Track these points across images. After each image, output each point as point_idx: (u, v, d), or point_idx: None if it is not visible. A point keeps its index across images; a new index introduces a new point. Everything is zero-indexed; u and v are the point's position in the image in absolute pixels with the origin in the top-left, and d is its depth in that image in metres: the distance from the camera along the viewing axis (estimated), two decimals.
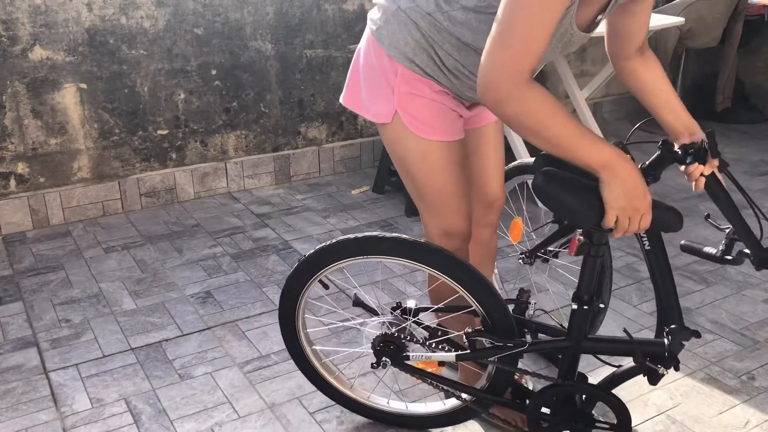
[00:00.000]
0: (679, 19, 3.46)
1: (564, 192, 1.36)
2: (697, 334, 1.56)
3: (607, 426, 1.66)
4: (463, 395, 1.77)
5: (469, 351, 1.64)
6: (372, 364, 1.73)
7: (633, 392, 2.03)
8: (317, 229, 3.11)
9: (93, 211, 3.22)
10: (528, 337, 1.60)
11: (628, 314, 2.42)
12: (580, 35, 1.49)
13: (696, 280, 2.63)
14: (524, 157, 3.27)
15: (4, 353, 2.24)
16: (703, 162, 1.53)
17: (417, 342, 1.70)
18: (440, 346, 1.68)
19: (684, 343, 1.57)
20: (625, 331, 1.63)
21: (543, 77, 4.12)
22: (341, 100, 1.77)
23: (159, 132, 3.29)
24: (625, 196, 1.30)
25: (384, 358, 1.72)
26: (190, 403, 2.02)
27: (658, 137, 1.55)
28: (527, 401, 1.73)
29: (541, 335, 1.76)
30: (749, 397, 2.02)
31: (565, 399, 1.67)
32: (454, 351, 1.66)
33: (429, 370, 1.76)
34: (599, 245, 1.48)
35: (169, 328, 2.37)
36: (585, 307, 1.55)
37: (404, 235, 1.65)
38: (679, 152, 1.53)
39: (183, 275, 2.71)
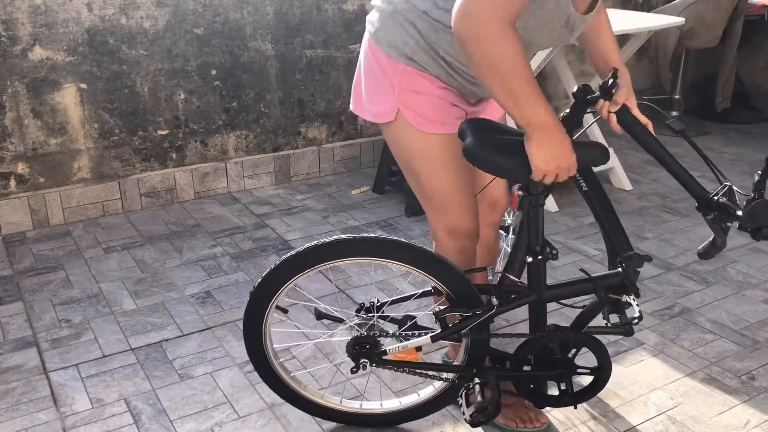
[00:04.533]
0: (679, 19, 3.46)
1: (495, 153, 1.47)
2: (648, 258, 1.64)
3: (587, 370, 1.73)
4: (448, 375, 1.80)
5: (441, 330, 1.66)
6: (351, 369, 1.73)
7: (633, 392, 2.03)
8: (317, 229, 3.11)
9: (93, 211, 3.22)
10: (494, 300, 1.63)
11: None
12: (580, 18, 1.51)
13: (696, 281, 2.63)
14: None
15: (4, 353, 2.24)
16: (609, 98, 1.58)
17: (389, 336, 1.72)
18: (413, 333, 1.71)
19: (638, 270, 1.64)
20: (582, 270, 1.71)
21: (543, 77, 4.12)
22: (350, 107, 1.81)
23: (159, 132, 3.29)
24: (553, 159, 1.42)
25: (362, 360, 1.72)
26: (190, 403, 2.02)
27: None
28: (507, 365, 1.76)
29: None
30: (749, 397, 2.02)
31: (543, 353, 1.72)
32: (427, 334, 1.69)
33: (409, 359, 1.78)
34: (537, 196, 1.56)
35: (169, 328, 2.37)
36: (539, 257, 1.61)
37: (341, 236, 1.68)
38: (588, 95, 1.60)
39: (183, 275, 2.71)
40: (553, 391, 1.78)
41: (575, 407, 1.86)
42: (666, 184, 3.53)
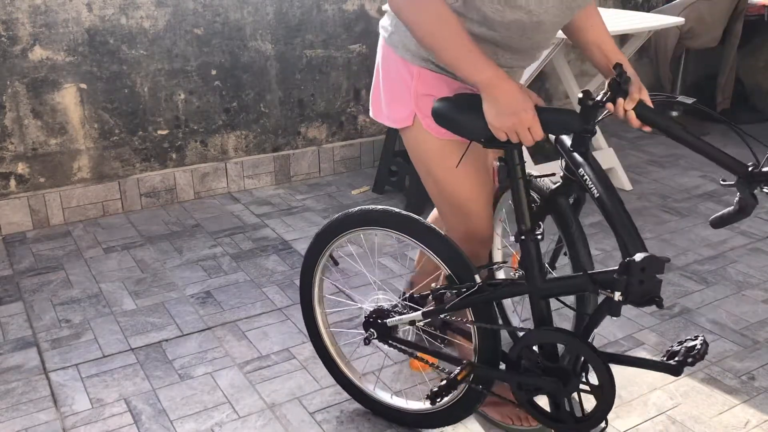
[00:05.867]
0: (679, 19, 3.46)
1: (453, 109, 1.47)
2: (666, 260, 1.39)
3: (587, 388, 1.54)
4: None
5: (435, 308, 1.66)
6: (364, 340, 1.80)
7: (633, 392, 2.04)
8: (317, 229, 3.10)
9: (93, 211, 3.22)
10: (477, 278, 1.59)
11: (629, 314, 2.42)
12: None
13: (696, 281, 2.63)
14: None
15: (4, 353, 2.24)
16: (624, 95, 1.51)
17: (393, 311, 1.78)
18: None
19: (658, 276, 1.38)
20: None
21: (543, 77, 4.12)
22: (370, 114, 1.82)
23: (159, 132, 3.29)
24: (502, 113, 1.39)
25: (369, 330, 1.78)
26: (190, 403, 2.02)
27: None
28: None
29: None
30: (749, 397, 2.02)
31: (545, 357, 1.58)
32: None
33: (426, 363, 1.82)
34: (514, 166, 1.50)
35: (169, 328, 2.37)
36: (525, 237, 1.51)
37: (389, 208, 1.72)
38: (596, 98, 1.52)
39: (183, 275, 2.71)
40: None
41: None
42: (666, 184, 3.53)
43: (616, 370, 2.02)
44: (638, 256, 1.36)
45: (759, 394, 2.03)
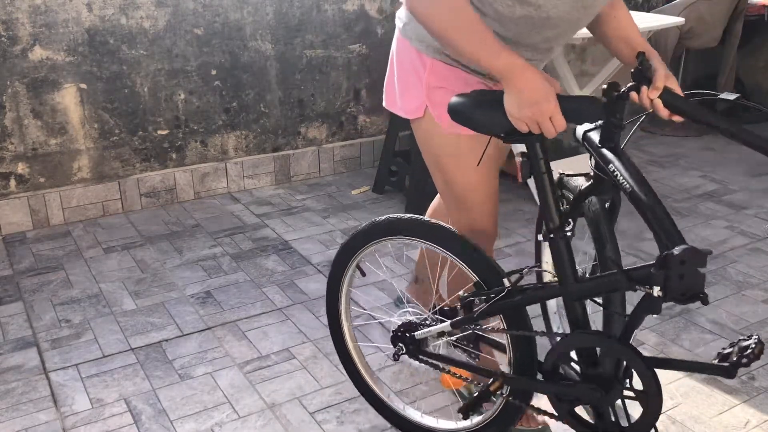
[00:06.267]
0: (679, 19, 3.46)
1: (470, 106, 1.42)
2: (708, 252, 1.29)
3: (632, 394, 1.44)
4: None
5: (464, 317, 1.57)
6: (393, 356, 1.72)
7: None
8: (317, 229, 3.11)
9: (93, 211, 3.22)
10: (506, 282, 1.51)
11: None
12: None
13: None
14: None
15: (4, 353, 2.24)
16: (648, 84, 1.44)
17: (422, 324, 1.68)
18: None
19: (700, 269, 1.27)
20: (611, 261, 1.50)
21: (547, 72, 4.11)
22: (384, 104, 1.81)
23: (159, 132, 3.29)
24: (523, 103, 1.33)
25: (398, 345, 1.70)
26: (190, 403, 2.02)
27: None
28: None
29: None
30: (749, 397, 2.02)
31: (581, 364, 1.49)
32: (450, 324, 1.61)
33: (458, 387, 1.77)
34: (538, 159, 1.43)
35: (169, 328, 2.37)
36: (555, 235, 1.43)
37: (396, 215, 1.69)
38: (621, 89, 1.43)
39: (183, 275, 2.71)
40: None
41: None
42: (666, 184, 3.53)
43: None
44: (677, 249, 1.26)
45: (759, 394, 2.03)
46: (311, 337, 2.32)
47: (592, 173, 1.58)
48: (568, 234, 1.45)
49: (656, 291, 1.29)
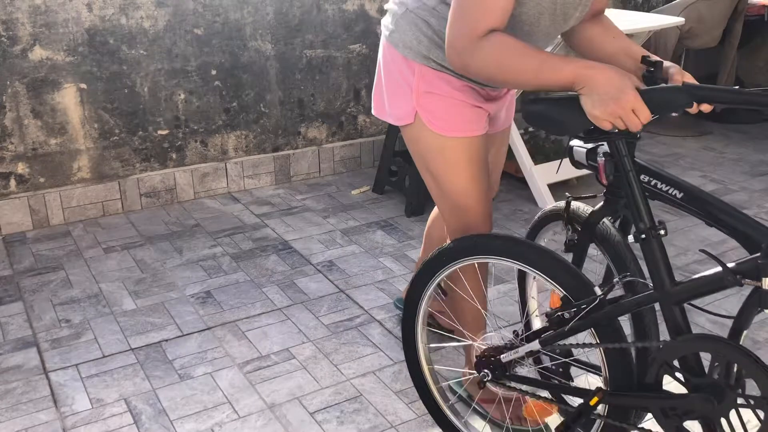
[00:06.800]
0: (679, 19, 3.46)
1: (549, 107, 1.41)
2: None
3: (747, 403, 1.34)
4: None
5: (553, 331, 1.47)
6: (479, 384, 1.65)
7: None
8: (317, 229, 3.11)
9: (93, 211, 3.22)
10: (597, 290, 1.42)
11: None
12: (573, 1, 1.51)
13: None
14: (524, 157, 3.28)
15: (4, 353, 2.24)
16: (665, 83, 1.42)
17: (509, 347, 1.59)
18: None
19: None
20: (704, 251, 1.36)
21: None
22: (372, 112, 1.82)
23: (159, 132, 3.29)
24: (602, 101, 1.30)
25: (483, 371, 1.60)
26: (190, 403, 2.02)
27: None
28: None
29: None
30: None
31: (690, 373, 1.38)
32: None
33: (543, 415, 1.70)
34: (623, 156, 1.39)
35: (169, 328, 2.37)
36: (647, 236, 1.36)
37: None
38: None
39: (183, 275, 2.71)
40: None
41: None
42: None
43: None
44: None
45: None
46: (311, 337, 2.32)
47: (603, 195, 1.55)
48: (661, 233, 1.37)
49: (765, 283, 1.23)
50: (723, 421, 1.35)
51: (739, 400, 1.33)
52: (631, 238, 1.48)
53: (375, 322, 2.40)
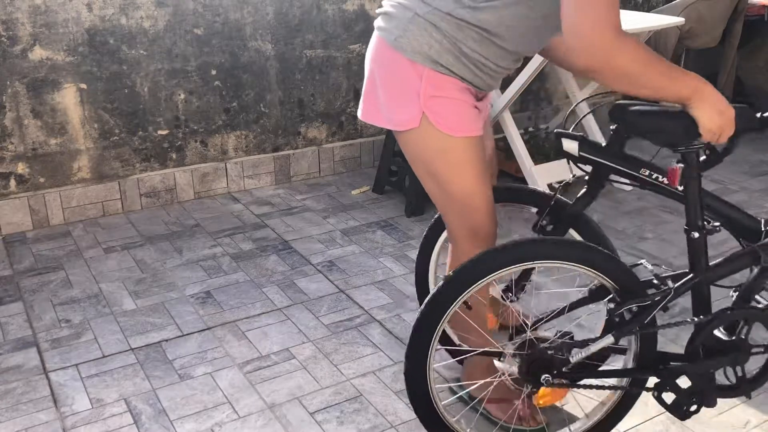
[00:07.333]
0: (679, 19, 3.46)
1: (662, 119, 1.52)
2: None
3: (761, 349, 1.67)
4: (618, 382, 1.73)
5: (614, 329, 1.59)
6: (531, 390, 1.66)
7: None
8: (317, 229, 3.11)
9: (93, 211, 3.22)
10: (670, 284, 1.59)
11: None
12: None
13: None
14: (524, 157, 3.28)
15: (4, 353, 2.24)
16: None
17: (554, 347, 1.63)
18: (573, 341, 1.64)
19: None
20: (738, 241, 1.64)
21: (543, 77, 4.12)
22: (360, 116, 1.78)
23: (159, 132, 3.29)
24: (718, 116, 1.45)
25: (544, 376, 1.61)
26: (190, 403, 2.02)
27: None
28: (670, 370, 1.67)
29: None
30: (749, 397, 2.01)
31: (714, 340, 1.65)
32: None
33: (556, 400, 1.81)
34: (695, 166, 1.55)
35: (169, 329, 2.37)
36: (697, 233, 1.58)
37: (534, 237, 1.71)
38: None
39: (183, 275, 2.71)
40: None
41: (749, 397, 1.75)
42: None
43: None
44: None
45: (759, 394, 2.02)
46: (311, 337, 2.32)
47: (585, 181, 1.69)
48: (713, 228, 1.61)
49: None
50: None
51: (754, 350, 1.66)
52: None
53: (375, 322, 2.40)
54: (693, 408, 1.67)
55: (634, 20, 3.31)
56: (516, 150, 3.29)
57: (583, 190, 1.72)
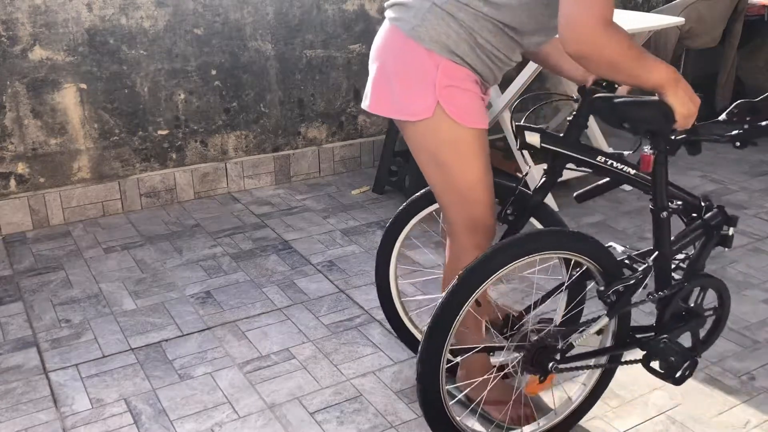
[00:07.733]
0: (679, 19, 3.46)
1: (641, 109, 1.61)
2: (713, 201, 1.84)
3: (710, 312, 1.87)
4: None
5: (614, 305, 1.69)
6: (539, 379, 1.69)
7: (634, 392, 2.03)
8: (317, 229, 3.11)
9: (93, 211, 3.22)
10: (650, 261, 1.71)
11: None
12: None
13: None
14: (524, 157, 3.27)
15: (4, 353, 2.24)
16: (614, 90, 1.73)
17: (551, 335, 1.68)
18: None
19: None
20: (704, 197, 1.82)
21: (543, 77, 4.12)
22: (366, 107, 1.77)
23: (159, 132, 3.29)
24: (690, 102, 1.55)
25: (551, 365, 1.66)
26: (190, 403, 2.02)
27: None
28: (649, 342, 1.78)
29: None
30: (749, 397, 2.02)
31: (678, 309, 1.81)
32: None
33: (542, 389, 1.86)
34: (665, 152, 1.66)
35: (169, 328, 2.37)
36: (665, 213, 1.72)
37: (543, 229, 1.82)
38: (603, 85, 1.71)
39: (183, 275, 2.71)
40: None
41: (700, 357, 1.87)
42: None
43: (617, 373, 2.03)
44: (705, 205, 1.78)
45: (759, 394, 2.03)
46: (311, 337, 2.32)
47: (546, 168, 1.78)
48: (677, 207, 1.80)
49: (731, 230, 1.80)
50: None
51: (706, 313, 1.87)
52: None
53: (375, 322, 2.40)
54: (687, 373, 1.76)
55: (634, 20, 3.31)
56: (516, 150, 3.29)
57: (542, 180, 1.78)
